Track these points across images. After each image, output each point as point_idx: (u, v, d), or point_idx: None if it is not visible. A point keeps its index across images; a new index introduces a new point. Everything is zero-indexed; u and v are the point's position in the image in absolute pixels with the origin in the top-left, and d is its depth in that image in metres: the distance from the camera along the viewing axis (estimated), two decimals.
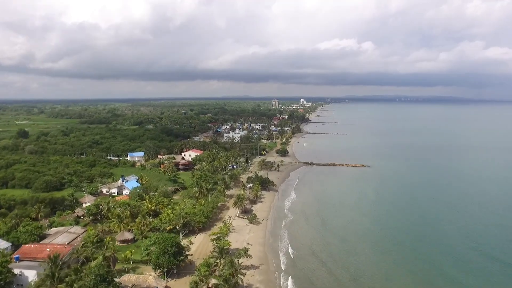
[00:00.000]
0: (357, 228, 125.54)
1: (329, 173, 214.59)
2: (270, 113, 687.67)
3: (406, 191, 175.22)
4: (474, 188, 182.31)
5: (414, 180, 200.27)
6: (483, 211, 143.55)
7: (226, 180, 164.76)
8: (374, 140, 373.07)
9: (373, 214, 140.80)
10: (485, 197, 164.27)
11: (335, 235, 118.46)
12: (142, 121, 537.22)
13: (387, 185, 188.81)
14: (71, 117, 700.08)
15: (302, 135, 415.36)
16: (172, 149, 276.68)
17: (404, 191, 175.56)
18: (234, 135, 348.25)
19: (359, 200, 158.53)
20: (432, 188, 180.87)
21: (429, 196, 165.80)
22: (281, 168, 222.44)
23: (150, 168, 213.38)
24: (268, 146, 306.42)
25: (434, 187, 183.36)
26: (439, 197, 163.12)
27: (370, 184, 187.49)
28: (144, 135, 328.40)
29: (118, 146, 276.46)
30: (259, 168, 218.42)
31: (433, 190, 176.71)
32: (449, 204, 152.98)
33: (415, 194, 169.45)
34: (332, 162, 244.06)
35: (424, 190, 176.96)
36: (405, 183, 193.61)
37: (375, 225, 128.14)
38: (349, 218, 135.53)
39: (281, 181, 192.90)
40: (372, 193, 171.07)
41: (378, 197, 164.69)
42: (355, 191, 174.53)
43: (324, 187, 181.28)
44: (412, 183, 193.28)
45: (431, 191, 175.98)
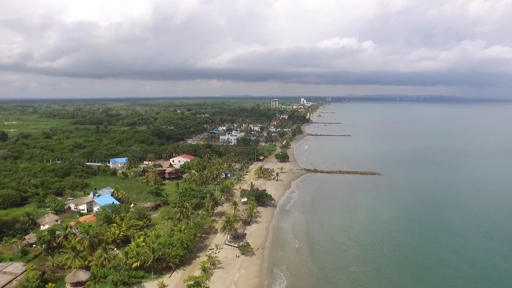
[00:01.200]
0: (380, 266, 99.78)
1: (335, 183, 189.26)
2: (269, 113, 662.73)
3: (428, 208, 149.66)
4: (504, 203, 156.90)
5: (435, 192, 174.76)
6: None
7: (215, 196, 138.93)
8: (381, 143, 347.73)
9: (396, 241, 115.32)
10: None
11: (349, 273, 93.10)
12: (136, 121, 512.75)
13: (403, 198, 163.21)
14: (64, 117, 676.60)
15: (303, 137, 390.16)
16: (161, 153, 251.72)
17: (425, 208, 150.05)
18: (230, 138, 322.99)
19: (374, 221, 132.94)
20: (453, 200, 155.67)
21: (452, 210, 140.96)
22: (281, 176, 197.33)
23: (132, 177, 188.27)
24: (266, 150, 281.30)
25: (456, 199, 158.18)
26: (464, 212, 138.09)
27: (383, 197, 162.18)
28: (133, 138, 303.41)
29: (101, 151, 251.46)
30: (256, 176, 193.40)
31: (454, 203, 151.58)
32: (478, 219, 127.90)
33: (440, 211, 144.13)
34: (338, 169, 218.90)
35: (446, 204, 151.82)
36: (424, 196, 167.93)
37: (400, 258, 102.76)
38: (366, 247, 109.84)
39: (281, 193, 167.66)
40: (387, 210, 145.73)
41: (395, 216, 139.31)
42: (367, 207, 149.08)
43: (331, 201, 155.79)
44: (432, 195, 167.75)
45: (453, 204, 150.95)
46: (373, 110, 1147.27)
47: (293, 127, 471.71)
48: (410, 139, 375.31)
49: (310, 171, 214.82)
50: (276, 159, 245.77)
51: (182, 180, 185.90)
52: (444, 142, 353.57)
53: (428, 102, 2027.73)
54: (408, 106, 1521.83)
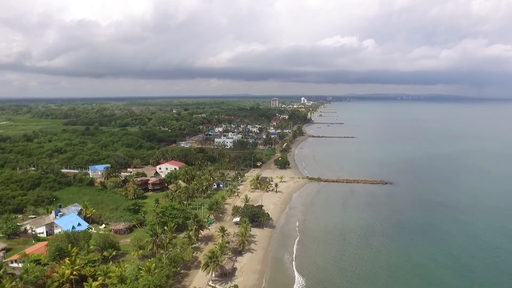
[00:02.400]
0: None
1: (343, 195, 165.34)
2: (269, 113, 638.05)
3: (455, 226, 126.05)
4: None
5: (456, 204, 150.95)
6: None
7: (200, 218, 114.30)
8: (388, 146, 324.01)
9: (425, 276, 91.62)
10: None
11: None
12: (129, 122, 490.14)
13: (423, 214, 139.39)
14: (57, 117, 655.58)
15: (305, 139, 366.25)
16: (148, 159, 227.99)
17: (452, 226, 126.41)
18: (225, 140, 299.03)
19: (402, 254, 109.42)
20: (486, 219, 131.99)
21: (477, 225, 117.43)
22: (281, 186, 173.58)
23: (111, 188, 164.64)
24: (265, 155, 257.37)
25: (477, 212, 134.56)
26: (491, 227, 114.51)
27: (399, 213, 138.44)
28: (120, 141, 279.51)
29: (83, 156, 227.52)
30: (253, 187, 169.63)
31: (488, 222, 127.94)
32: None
33: (465, 228, 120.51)
34: (345, 177, 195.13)
35: (470, 218, 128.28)
36: (445, 210, 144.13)
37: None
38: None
39: (281, 208, 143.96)
40: (409, 231, 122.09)
41: (417, 240, 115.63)
42: (382, 225, 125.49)
43: (341, 222, 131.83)
44: (454, 208, 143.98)
45: (477, 217, 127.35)
46: (375, 109, 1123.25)
47: (293, 128, 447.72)
48: (420, 142, 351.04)
49: (313, 180, 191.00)
50: (276, 165, 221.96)
51: (169, 190, 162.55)
52: (458, 145, 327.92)
53: (429, 101, 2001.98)
54: (410, 105, 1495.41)
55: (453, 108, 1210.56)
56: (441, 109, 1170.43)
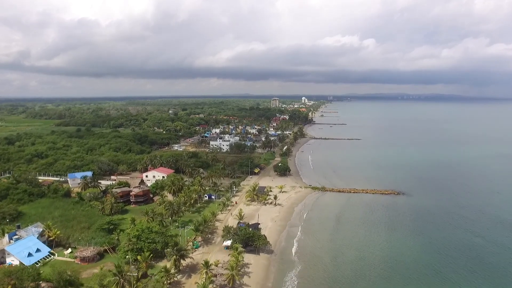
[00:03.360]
0: None
1: (351, 208, 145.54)
2: (269, 113, 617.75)
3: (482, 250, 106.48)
4: None
5: (484, 220, 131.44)
6: None
7: (181, 246, 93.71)
8: (396, 150, 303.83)
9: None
10: None
11: None
12: (123, 123, 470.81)
13: (452, 235, 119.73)
14: (51, 118, 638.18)
15: (306, 141, 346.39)
16: (135, 165, 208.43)
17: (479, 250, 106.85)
18: (221, 143, 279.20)
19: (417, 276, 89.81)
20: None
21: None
22: (281, 197, 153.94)
23: (88, 200, 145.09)
24: (264, 159, 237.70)
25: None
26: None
27: (424, 235, 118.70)
28: (108, 144, 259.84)
29: (65, 161, 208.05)
30: (249, 199, 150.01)
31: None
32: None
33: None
34: (352, 186, 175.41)
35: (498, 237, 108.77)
36: (477, 228, 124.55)
37: None
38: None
39: (281, 226, 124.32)
40: (431, 255, 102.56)
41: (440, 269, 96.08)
42: (406, 258, 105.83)
43: (352, 244, 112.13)
44: (486, 225, 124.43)
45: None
46: (377, 109, 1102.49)
47: (294, 129, 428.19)
48: (429, 144, 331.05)
49: (316, 190, 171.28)
50: (275, 172, 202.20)
51: (155, 202, 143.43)
52: (471, 148, 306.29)
53: (430, 101, 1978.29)
54: (411, 105, 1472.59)
55: (455, 108, 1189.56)
56: (444, 109, 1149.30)
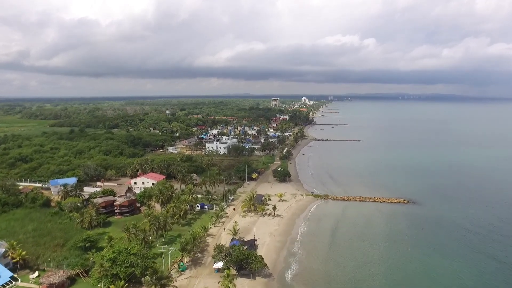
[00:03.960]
0: None
1: (357, 220, 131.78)
2: (269, 113, 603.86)
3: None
4: None
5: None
6: None
7: (162, 274, 79.71)
8: (401, 152, 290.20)
9: None
10: None
11: None
12: (118, 123, 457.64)
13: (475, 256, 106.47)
14: (46, 118, 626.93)
15: (307, 143, 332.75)
16: (125, 170, 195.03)
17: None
18: (218, 146, 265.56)
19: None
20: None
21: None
22: (280, 207, 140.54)
23: (68, 211, 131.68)
24: (263, 163, 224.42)
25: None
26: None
27: (446, 257, 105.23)
28: (98, 147, 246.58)
29: (49, 166, 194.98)
30: (245, 209, 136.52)
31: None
32: None
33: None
34: (357, 194, 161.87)
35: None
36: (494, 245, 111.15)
37: None
38: None
39: (280, 243, 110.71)
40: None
41: None
42: (423, 276, 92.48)
43: (362, 269, 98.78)
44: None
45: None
46: (378, 109, 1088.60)
47: (294, 129, 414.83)
48: (437, 146, 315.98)
49: (319, 198, 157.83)
50: (274, 177, 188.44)
51: (142, 213, 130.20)
52: (482, 151, 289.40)
53: (430, 101, 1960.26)
54: (412, 105, 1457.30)
55: (457, 108, 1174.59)
56: (446, 109, 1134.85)
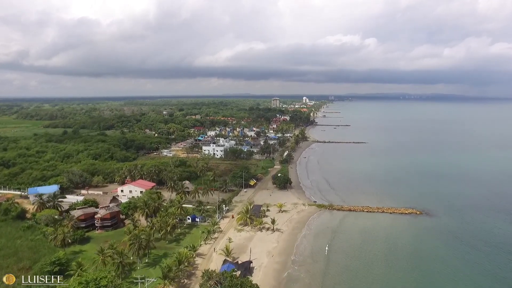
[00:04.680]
0: None
1: (367, 236, 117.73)
2: (269, 114, 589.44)
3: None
4: None
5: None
6: None
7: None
8: (408, 156, 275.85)
9: None
10: None
11: None
12: (114, 124, 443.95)
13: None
14: (42, 118, 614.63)
15: (308, 145, 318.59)
16: (113, 176, 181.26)
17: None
18: (215, 149, 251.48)
19: None
20: None
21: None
22: (280, 220, 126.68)
23: (45, 224, 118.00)
24: (262, 168, 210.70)
25: None
26: None
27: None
28: (87, 150, 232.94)
29: (32, 171, 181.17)
30: (241, 223, 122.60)
31: None
32: None
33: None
34: (364, 203, 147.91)
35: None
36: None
37: None
38: None
39: (280, 265, 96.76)
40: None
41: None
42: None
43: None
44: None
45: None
46: (379, 109, 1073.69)
47: (295, 131, 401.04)
48: (447, 149, 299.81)
49: (323, 208, 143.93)
50: (274, 184, 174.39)
51: (125, 227, 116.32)
52: (498, 154, 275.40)
53: (431, 101, 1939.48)
54: (413, 104, 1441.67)
55: (460, 108, 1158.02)
56: (449, 109, 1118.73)
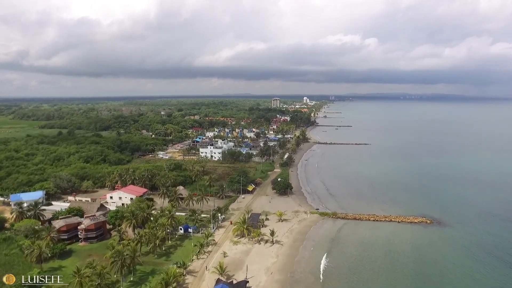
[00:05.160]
0: None
1: (376, 247, 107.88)
2: (269, 114, 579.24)
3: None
4: None
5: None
6: None
7: None
8: (414, 158, 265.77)
9: None
10: None
11: None
12: (111, 125, 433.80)
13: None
14: (38, 119, 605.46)
15: (310, 147, 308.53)
16: (104, 180, 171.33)
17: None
18: (213, 151, 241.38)
19: None
20: None
21: None
22: (280, 230, 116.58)
23: (24, 236, 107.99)
24: (261, 171, 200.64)
25: None
26: None
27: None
28: (79, 152, 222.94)
29: (18, 176, 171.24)
30: (238, 234, 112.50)
31: None
32: None
33: None
34: (370, 211, 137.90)
35: None
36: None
37: None
38: None
39: (279, 286, 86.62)
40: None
41: None
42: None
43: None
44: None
45: None
46: (380, 109, 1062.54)
47: (296, 132, 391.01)
48: (459, 153, 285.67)
49: (326, 216, 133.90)
50: (274, 190, 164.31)
51: (110, 239, 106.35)
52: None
53: (432, 101, 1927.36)
54: (414, 104, 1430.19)
55: (462, 108, 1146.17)
56: (450, 109, 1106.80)
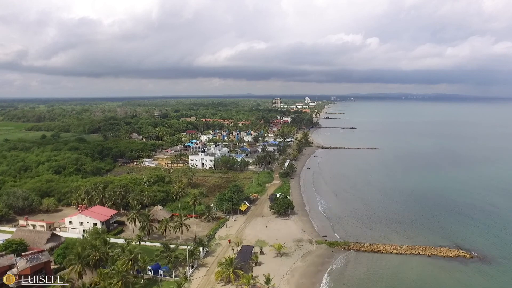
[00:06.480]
0: None
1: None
2: (269, 115, 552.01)
3: None
4: None
5: None
6: None
7: None
8: (434, 169, 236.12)
9: None
10: None
11: None
12: (100, 127, 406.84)
13: None
14: (29, 120, 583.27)
15: (313, 152, 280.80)
16: (70, 197, 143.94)
17: None
18: (204, 158, 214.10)
19: None
20: None
21: None
22: (278, 272, 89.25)
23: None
24: (257, 184, 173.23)
25: None
26: None
27: None
28: (50, 160, 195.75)
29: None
30: (221, 279, 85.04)
31: None
32: None
33: None
34: (392, 240, 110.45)
35: None
36: None
37: None
38: None
39: None
40: None
41: None
42: None
43: None
44: None
45: None
46: (383, 110, 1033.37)
47: (297, 134, 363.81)
48: (482, 162, 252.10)
49: (337, 247, 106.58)
50: (271, 209, 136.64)
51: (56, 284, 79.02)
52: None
53: (435, 101, 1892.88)
54: (418, 105, 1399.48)
55: (468, 109, 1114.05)
56: (456, 109, 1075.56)
